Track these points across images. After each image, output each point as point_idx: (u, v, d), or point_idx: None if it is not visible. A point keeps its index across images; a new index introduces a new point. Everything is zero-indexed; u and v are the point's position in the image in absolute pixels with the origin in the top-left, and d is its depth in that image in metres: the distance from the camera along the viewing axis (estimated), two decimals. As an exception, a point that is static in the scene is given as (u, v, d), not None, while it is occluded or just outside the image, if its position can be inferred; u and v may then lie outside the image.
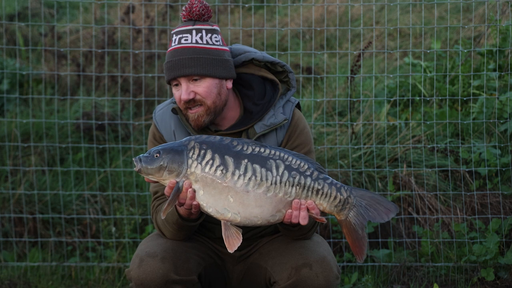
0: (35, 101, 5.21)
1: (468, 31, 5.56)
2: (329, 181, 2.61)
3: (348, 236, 2.65)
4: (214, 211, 2.58)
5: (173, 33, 2.82)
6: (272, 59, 2.90)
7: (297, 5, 5.61)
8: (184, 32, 2.79)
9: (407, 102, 4.88)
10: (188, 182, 2.57)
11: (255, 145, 2.61)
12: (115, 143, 4.91)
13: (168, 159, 2.56)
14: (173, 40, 2.80)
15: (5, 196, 4.54)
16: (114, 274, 4.29)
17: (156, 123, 2.93)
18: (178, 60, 2.76)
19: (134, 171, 4.59)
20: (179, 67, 2.76)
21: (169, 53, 2.80)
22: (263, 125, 2.82)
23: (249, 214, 2.57)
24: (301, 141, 2.88)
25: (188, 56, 2.76)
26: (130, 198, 4.62)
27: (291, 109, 2.89)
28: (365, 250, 2.64)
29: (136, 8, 5.71)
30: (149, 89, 5.25)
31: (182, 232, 2.81)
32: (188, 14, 2.80)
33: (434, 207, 4.39)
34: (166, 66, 2.79)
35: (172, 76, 2.77)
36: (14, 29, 5.80)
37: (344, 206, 2.62)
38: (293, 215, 2.59)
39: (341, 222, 2.65)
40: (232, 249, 2.59)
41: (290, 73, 2.90)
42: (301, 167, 2.60)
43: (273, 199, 2.57)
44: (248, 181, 2.56)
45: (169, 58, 2.79)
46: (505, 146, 4.40)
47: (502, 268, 4.06)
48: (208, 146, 2.59)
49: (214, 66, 2.78)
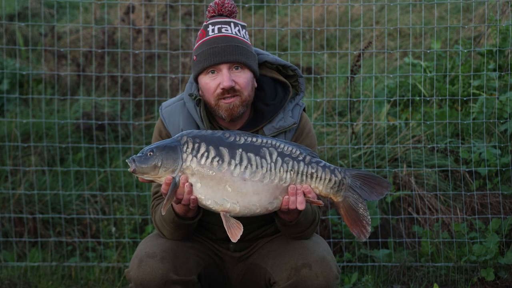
0: (35, 101, 5.21)
1: (468, 31, 5.56)
2: (322, 164, 2.63)
3: (346, 217, 2.65)
4: (212, 202, 2.59)
5: (208, 24, 2.80)
6: (284, 63, 2.91)
7: (297, 5, 5.61)
8: (223, 23, 2.79)
9: (407, 102, 4.88)
10: (185, 176, 2.57)
11: (246, 135, 2.63)
12: (115, 143, 4.91)
13: (163, 156, 2.57)
14: (210, 30, 2.79)
15: (5, 196, 4.54)
16: (114, 274, 4.29)
17: (163, 119, 2.91)
18: (223, 46, 2.75)
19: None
20: (225, 53, 2.75)
21: (208, 41, 2.78)
22: (272, 127, 2.84)
23: (248, 202, 2.58)
24: (307, 143, 2.90)
25: (234, 44, 2.76)
26: (130, 198, 4.62)
27: (299, 112, 2.91)
28: (368, 228, 2.64)
29: (136, 8, 5.71)
30: (149, 89, 5.25)
31: (180, 231, 2.81)
32: (220, 9, 2.80)
33: (434, 207, 4.39)
34: (208, 52, 2.76)
35: (216, 61, 2.75)
36: (14, 29, 5.80)
37: (340, 187, 2.64)
38: (290, 201, 2.60)
39: (338, 204, 2.66)
40: (235, 239, 2.60)
41: (300, 77, 2.92)
42: (294, 153, 2.62)
43: (269, 186, 2.59)
44: (245, 169, 2.57)
45: (211, 45, 2.76)
46: (505, 146, 4.40)
47: (502, 268, 4.06)
48: (202, 139, 2.59)
49: (253, 60, 2.82)
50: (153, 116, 5.08)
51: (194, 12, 5.63)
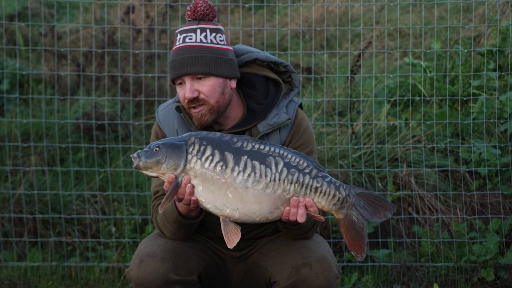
0: (35, 101, 5.21)
1: (468, 31, 5.56)
2: (328, 179, 2.62)
3: (346, 235, 2.65)
4: (212, 206, 2.59)
5: (177, 32, 2.82)
6: (275, 59, 2.90)
7: (297, 5, 5.61)
8: (188, 31, 2.79)
9: (407, 102, 4.88)
10: (187, 177, 2.57)
11: (255, 142, 2.62)
12: (115, 143, 4.91)
13: (168, 153, 2.56)
14: (177, 39, 2.81)
15: (5, 196, 4.54)
16: (114, 274, 4.29)
17: (159, 122, 2.93)
18: (182, 58, 2.76)
19: (134, 170, 4.59)
20: (183, 66, 2.76)
21: (173, 52, 2.80)
22: (266, 124, 2.83)
23: (248, 210, 2.58)
24: (304, 141, 2.88)
25: (193, 54, 2.76)
26: (130, 198, 4.62)
27: (294, 108, 2.89)
28: (365, 248, 2.64)
29: (136, 8, 5.71)
30: (149, 89, 5.25)
31: (182, 231, 2.81)
32: (192, 14, 2.80)
33: (434, 207, 4.39)
34: (170, 65, 2.79)
35: (176, 75, 2.77)
36: (14, 29, 5.80)
37: (343, 205, 2.62)
38: (291, 213, 2.60)
39: (339, 221, 2.65)
40: (231, 245, 2.59)
41: (293, 73, 2.91)
42: (300, 164, 2.60)
43: (271, 196, 2.58)
44: (248, 177, 2.56)
45: (173, 57, 2.79)
46: (505, 146, 4.40)
47: (502, 268, 4.06)
48: (208, 142, 2.59)
49: (219, 65, 2.79)
50: (153, 116, 5.08)
51: (194, 12, 5.62)
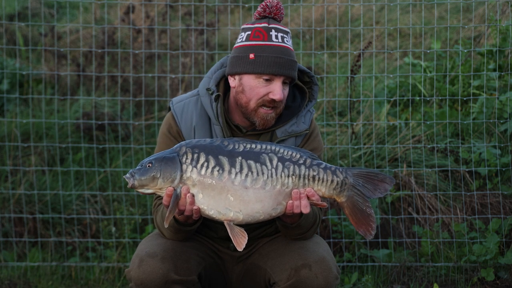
0: (35, 101, 5.21)
1: (468, 31, 5.56)
2: (323, 166, 2.63)
3: (351, 216, 2.65)
4: (216, 212, 2.58)
5: (270, 27, 2.76)
6: (303, 68, 2.91)
7: (297, 5, 5.61)
8: (283, 32, 2.78)
9: (407, 102, 4.88)
10: (186, 187, 2.57)
11: (245, 142, 2.62)
12: (115, 143, 4.91)
13: (162, 167, 2.56)
14: (273, 35, 2.76)
15: (5, 196, 4.54)
16: (114, 274, 4.29)
17: (175, 114, 2.87)
18: (287, 60, 2.74)
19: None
20: (288, 67, 2.74)
21: (273, 47, 2.75)
22: (285, 131, 2.85)
23: (251, 210, 2.58)
24: (315, 146, 2.91)
25: (292, 58, 2.77)
26: (130, 198, 4.62)
27: (310, 118, 2.91)
28: (373, 226, 2.63)
29: (136, 8, 5.71)
30: (149, 89, 5.25)
31: (180, 234, 2.82)
32: (275, 13, 2.77)
33: (434, 207, 4.39)
34: (271, 60, 2.73)
35: (279, 72, 2.72)
36: (14, 29, 5.80)
37: (343, 187, 2.63)
38: (294, 205, 2.60)
39: (342, 204, 2.65)
40: (240, 248, 2.60)
41: (315, 85, 2.91)
42: (294, 157, 2.62)
43: (272, 192, 2.58)
44: (246, 177, 2.57)
45: (274, 53, 2.74)
46: (505, 146, 4.40)
47: (502, 268, 4.06)
48: (200, 149, 2.59)
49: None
50: (153, 116, 5.08)
51: (194, 12, 5.62)
